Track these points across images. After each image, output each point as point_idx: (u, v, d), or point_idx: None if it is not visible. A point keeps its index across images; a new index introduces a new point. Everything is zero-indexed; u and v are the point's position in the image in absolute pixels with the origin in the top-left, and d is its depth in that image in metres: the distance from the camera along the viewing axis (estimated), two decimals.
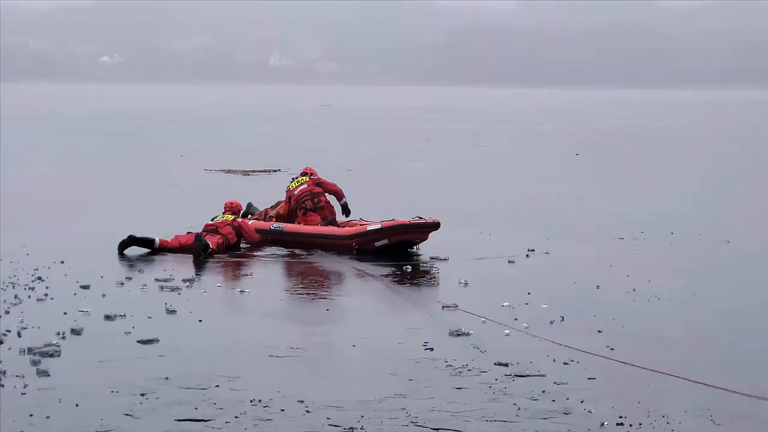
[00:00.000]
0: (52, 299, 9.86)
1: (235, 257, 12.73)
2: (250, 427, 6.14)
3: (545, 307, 9.67)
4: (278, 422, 6.22)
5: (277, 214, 14.12)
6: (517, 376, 7.28)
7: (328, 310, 10.04)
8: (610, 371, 7.43)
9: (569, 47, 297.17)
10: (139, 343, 8.18)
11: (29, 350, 7.71)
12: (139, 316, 9.13)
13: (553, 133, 48.86)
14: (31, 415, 6.27)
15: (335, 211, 13.95)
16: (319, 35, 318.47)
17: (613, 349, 8.03)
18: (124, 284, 10.80)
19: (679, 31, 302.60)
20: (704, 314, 9.80)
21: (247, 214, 14.27)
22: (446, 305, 9.77)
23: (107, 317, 9.06)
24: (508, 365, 7.50)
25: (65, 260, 11.82)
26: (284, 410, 6.41)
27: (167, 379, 7.08)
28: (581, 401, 6.66)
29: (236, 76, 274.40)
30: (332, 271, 12.18)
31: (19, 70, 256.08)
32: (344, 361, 7.91)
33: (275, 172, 24.64)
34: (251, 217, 14.15)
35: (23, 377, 7.03)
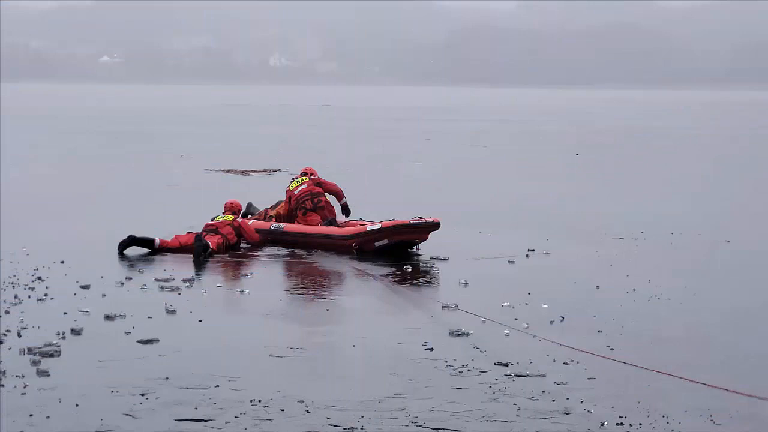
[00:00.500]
0: (52, 299, 9.85)
1: (235, 257, 12.73)
2: (250, 427, 6.14)
3: (545, 307, 9.67)
4: (278, 422, 6.21)
5: (277, 214, 14.12)
6: (517, 376, 7.27)
7: (328, 310, 10.03)
8: (610, 371, 7.43)
9: (569, 47, 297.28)
10: (139, 343, 8.18)
11: (29, 350, 7.71)
12: (139, 316, 9.12)
13: (553, 133, 48.87)
14: (31, 415, 6.27)
15: (335, 211, 13.95)
16: (319, 35, 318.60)
17: (613, 349, 8.03)
18: (124, 284, 10.80)
19: (679, 31, 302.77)
20: (704, 314, 9.79)
21: (247, 214, 14.27)
22: (446, 305, 9.77)
23: (107, 317, 9.06)
24: (508, 365, 7.50)
25: (65, 260, 11.81)
26: (284, 410, 6.41)
27: (167, 379, 7.08)
28: (581, 401, 6.66)
29: (236, 76, 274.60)
30: (332, 271, 12.18)
31: (19, 70, 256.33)
32: (344, 361, 7.91)
33: (275, 172, 24.65)
34: (251, 217, 14.16)
35: (23, 377, 7.03)
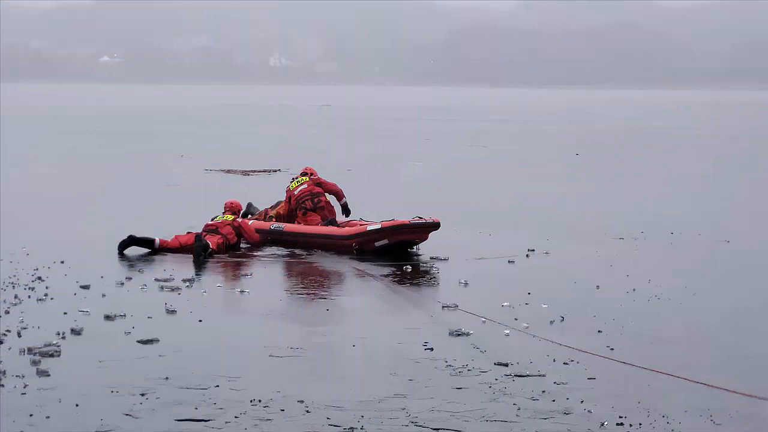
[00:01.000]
0: (52, 299, 9.85)
1: (235, 257, 12.73)
2: (250, 427, 6.14)
3: (545, 307, 9.67)
4: (278, 422, 6.21)
5: (277, 214, 14.12)
6: (517, 376, 7.27)
7: (328, 310, 10.03)
8: (610, 371, 7.43)
9: (569, 47, 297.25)
10: (139, 343, 8.18)
11: (29, 350, 7.71)
12: (139, 316, 9.12)
13: (553, 133, 48.87)
14: (31, 415, 6.27)
15: (335, 211, 13.95)
16: (319, 35, 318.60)
17: (613, 349, 8.03)
18: (124, 284, 10.80)
19: (679, 31, 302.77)
20: (704, 314, 9.79)
21: (247, 214, 14.27)
22: (446, 305, 9.77)
23: (107, 317, 9.06)
24: (508, 365, 7.50)
25: (65, 260, 11.81)
26: (284, 410, 6.41)
27: (167, 379, 7.08)
28: (581, 401, 6.66)
29: (236, 76, 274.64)
30: (332, 271, 12.18)
31: (19, 70, 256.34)
32: (344, 361, 7.91)
33: (275, 172, 24.65)
34: (251, 217, 14.16)
35: (23, 377, 7.03)
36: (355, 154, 32.61)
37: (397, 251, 12.84)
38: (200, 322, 9.08)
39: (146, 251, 12.78)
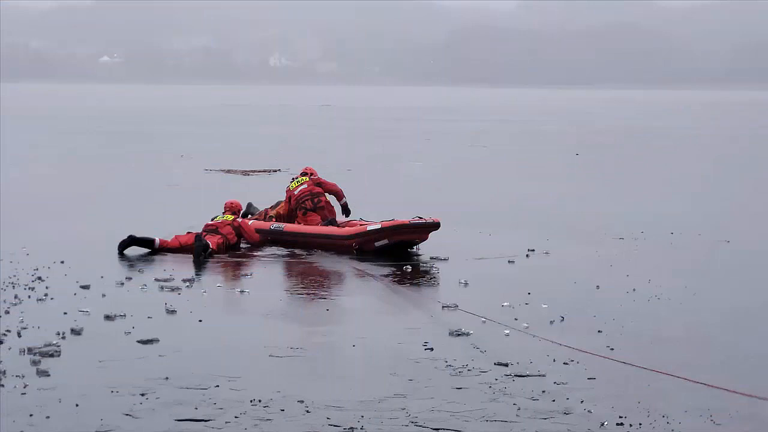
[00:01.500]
0: (52, 299, 9.85)
1: (235, 257, 12.73)
2: (250, 427, 6.14)
3: (545, 307, 9.66)
4: (278, 422, 6.21)
5: (277, 214, 14.11)
6: (517, 376, 7.27)
7: (328, 310, 10.03)
8: (610, 371, 7.42)
9: (569, 47, 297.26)
10: (139, 343, 8.18)
11: (29, 350, 7.71)
12: (139, 316, 9.12)
13: (553, 133, 48.86)
14: (31, 415, 6.27)
15: (335, 211, 13.95)
16: (319, 35, 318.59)
17: (613, 349, 8.03)
18: (124, 284, 10.80)
19: (679, 31, 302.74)
20: (704, 314, 9.79)
21: (247, 214, 14.27)
22: (446, 305, 9.77)
23: (107, 317, 9.06)
24: (508, 365, 7.50)
25: (65, 260, 11.81)
26: (284, 410, 6.41)
27: (167, 379, 7.08)
28: (581, 401, 6.65)
29: (236, 76, 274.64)
30: (332, 271, 12.18)
31: (19, 70, 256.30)
32: (344, 361, 7.90)
33: (275, 172, 24.65)
34: (251, 217, 14.16)
35: (23, 377, 7.03)
36: (355, 154, 32.60)
37: (397, 251, 12.84)
38: (200, 322, 9.08)
39: (146, 251, 12.78)
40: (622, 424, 6.19)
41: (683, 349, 8.31)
